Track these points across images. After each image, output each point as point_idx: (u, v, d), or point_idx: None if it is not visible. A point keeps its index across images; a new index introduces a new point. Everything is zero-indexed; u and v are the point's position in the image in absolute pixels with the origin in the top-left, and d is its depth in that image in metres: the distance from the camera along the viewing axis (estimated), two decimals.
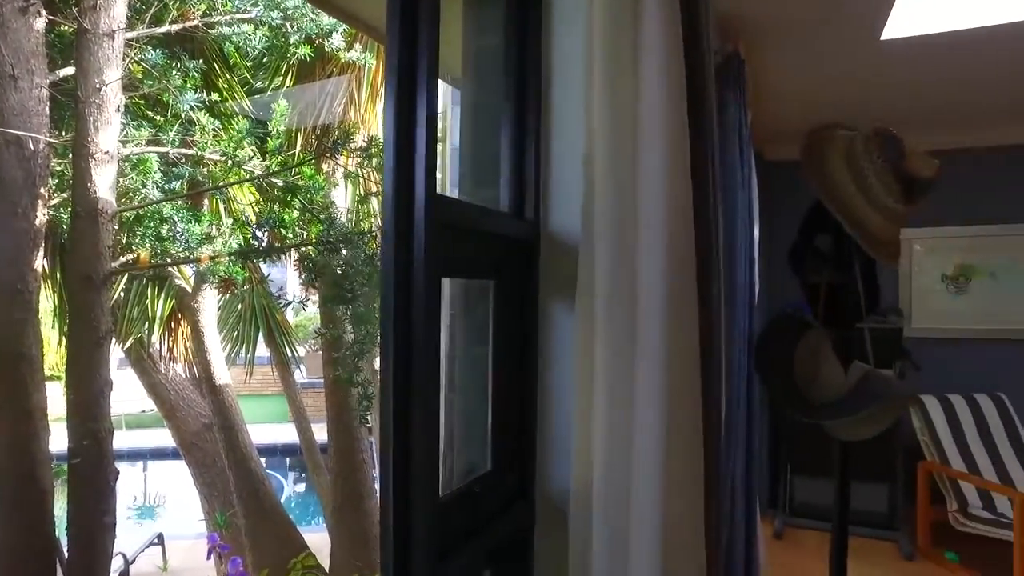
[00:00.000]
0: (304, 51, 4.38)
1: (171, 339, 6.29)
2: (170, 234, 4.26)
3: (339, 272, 3.75)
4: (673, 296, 0.92)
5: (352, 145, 4.36)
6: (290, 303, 5.27)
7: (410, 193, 0.91)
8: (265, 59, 5.20)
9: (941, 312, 4.03)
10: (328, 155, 4.42)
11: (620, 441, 0.91)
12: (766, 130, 4.18)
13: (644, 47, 0.96)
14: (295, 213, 4.13)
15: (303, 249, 4.12)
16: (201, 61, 4.66)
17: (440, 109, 1.37)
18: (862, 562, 3.49)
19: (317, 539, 6.22)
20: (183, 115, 4.39)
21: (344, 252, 3.80)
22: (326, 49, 4.60)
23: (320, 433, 6.39)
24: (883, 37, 2.58)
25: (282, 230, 4.06)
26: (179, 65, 4.29)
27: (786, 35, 2.61)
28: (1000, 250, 3.92)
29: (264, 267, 5.97)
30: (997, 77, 3.07)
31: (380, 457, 0.99)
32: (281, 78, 5.20)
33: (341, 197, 5.55)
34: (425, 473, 0.96)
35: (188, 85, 4.29)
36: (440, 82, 0.96)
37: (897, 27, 2.48)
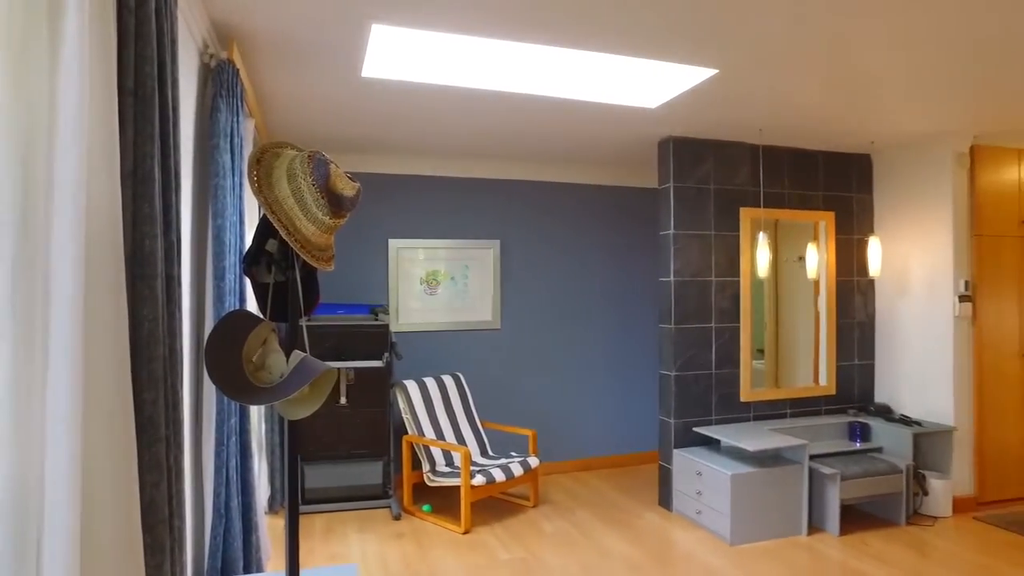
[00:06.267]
0: None
1: None
2: None
3: None
4: (92, 293, 0.93)
5: None
6: None
7: None
8: None
9: (420, 310, 4.89)
10: None
11: (26, 440, 0.88)
12: (282, 138, 4.34)
13: (63, 54, 0.95)
14: None
15: None
16: None
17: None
18: (360, 529, 3.97)
19: None
20: None
21: None
22: None
23: None
24: (363, 75, 3.01)
25: None
26: None
27: (284, 55, 2.80)
28: (457, 259, 4.99)
29: None
30: (449, 123, 3.90)
31: None
32: None
33: None
34: None
35: None
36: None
37: (373, 69, 2.94)
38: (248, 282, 2.67)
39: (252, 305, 3.19)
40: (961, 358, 4.24)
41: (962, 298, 4.23)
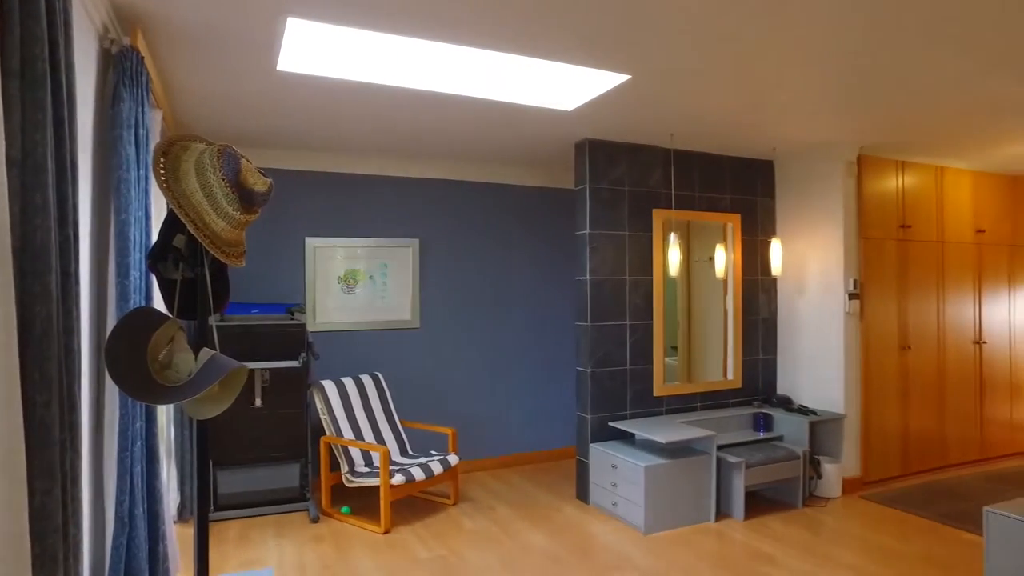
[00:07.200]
0: None
1: None
2: None
3: None
4: None
5: None
6: None
7: None
8: None
9: (338, 309, 4.81)
10: None
11: None
12: (192, 131, 4.16)
13: None
14: None
15: None
16: None
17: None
18: (277, 534, 3.87)
19: None
20: None
21: None
22: None
23: None
24: (279, 68, 2.94)
25: None
26: None
27: (193, 44, 2.69)
28: (376, 258, 4.93)
29: None
30: (367, 121, 3.86)
31: None
32: None
33: None
34: None
35: None
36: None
37: (289, 63, 2.87)
38: (155, 280, 2.56)
39: (160, 304, 3.05)
40: (850, 351, 4.58)
41: (851, 296, 4.57)
